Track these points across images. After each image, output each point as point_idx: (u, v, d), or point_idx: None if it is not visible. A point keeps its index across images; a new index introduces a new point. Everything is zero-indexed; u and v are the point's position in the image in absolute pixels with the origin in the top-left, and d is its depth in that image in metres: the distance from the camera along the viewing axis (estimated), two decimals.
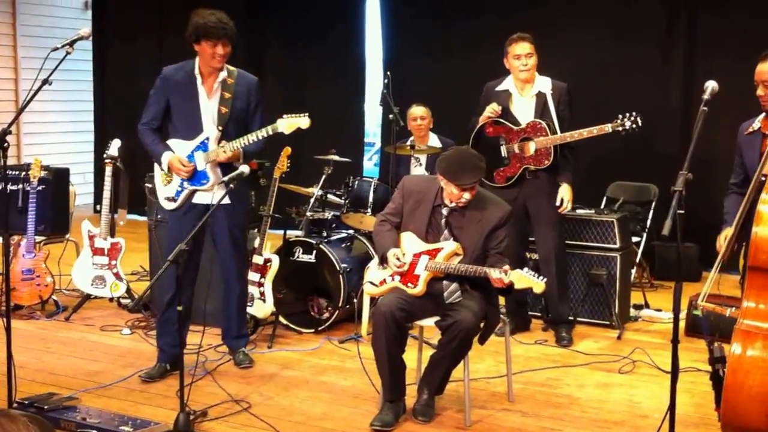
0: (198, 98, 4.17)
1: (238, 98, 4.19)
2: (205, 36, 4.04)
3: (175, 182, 4.23)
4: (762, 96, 3.55)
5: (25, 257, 5.31)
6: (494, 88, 4.96)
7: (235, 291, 4.44)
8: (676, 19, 6.86)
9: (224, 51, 4.08)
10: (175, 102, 4.20)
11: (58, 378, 4.24)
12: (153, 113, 4.25)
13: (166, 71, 4.26)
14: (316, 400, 4.02)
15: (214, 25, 4.01)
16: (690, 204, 6.36)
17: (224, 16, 4.08)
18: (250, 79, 4.28)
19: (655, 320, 5.48)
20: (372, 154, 10.93)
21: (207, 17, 4.04)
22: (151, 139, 4.25)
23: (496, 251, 3.74)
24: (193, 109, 4.17)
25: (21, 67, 9.14)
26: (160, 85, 4.24)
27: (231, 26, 4.08)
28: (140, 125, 4.29)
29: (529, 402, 4.03)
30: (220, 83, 4.17)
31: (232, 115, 4.17)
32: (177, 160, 4.16)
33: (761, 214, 3.13)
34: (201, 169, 4.17)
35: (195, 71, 4.17)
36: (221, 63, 4.12)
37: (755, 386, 3.00)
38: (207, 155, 4.15)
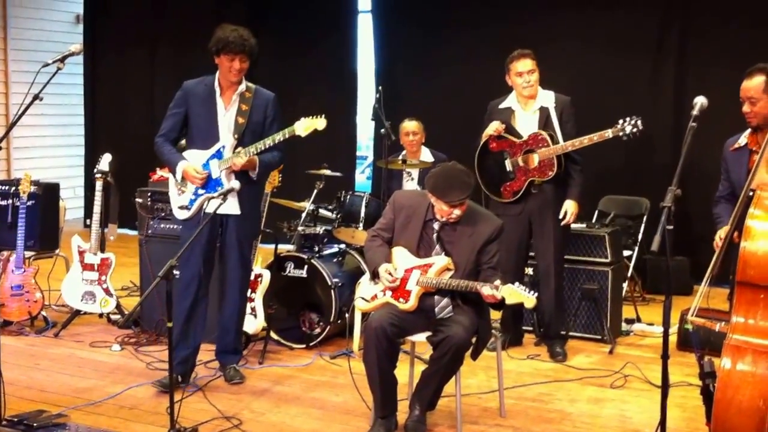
0: (216, 109, 4.27)
1: (255, 111, 4.28)
2: (224, 50, 4.15)
3: (189, 191, 4.29)
4: (747, 113, 3.58)
5: (15, 273, 5.28)
6: (498, 106, 4.98)
7: (234, 306, 4.44)
8: (668, 35, 6.91)
9: (240, 66, 4.18)
10: (194, 113, 4.30)
11: (48, 395, 4.20)
12: (171, 125, 4.34)
13: (187, 84, 4.36)
14: (308, 416, 4.00)
15: (234, 40, 4.11)
16: (681, 218, 6.41)
17: (246, 33, 4.17)
18: (268, 94, 4.38)
19: (646, 334, 5.49)
20: (364, 168, 10.94)
21: (229, 32, 4.15)
22: (167, 150, 4.32)
23: (488, 266, 3.74)
24: (210, 119, 4.26)
25: (11, 80, 9.13)
26: (180, 96, 4.34)
27: (251, 43, 4.18)
28: (157, 137, 4.37)
29: (521, 417, 4.02)
30: (239, 95, 4.27)
31: (248, 126, 4.25)
32: (192, 169, 4.23)
33: (749, 228, 3.14)
34: (216, 177, 4.24)
35: (215, 84, 4.28)
36: (237, 77, 4.22)
37: (745, 401, 3.00)
38: (223, 162, 4.21)
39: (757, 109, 3.55)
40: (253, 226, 4.49)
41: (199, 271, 4.26)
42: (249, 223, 4.38)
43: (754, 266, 3.10)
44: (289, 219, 5.51)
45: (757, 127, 3.62)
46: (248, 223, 4.36)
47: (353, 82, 8.32)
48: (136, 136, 9.04)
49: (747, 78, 3.58)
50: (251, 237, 4.51)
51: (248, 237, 4.43)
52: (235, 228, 4.29)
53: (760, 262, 3.10)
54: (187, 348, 4.29)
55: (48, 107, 7.20)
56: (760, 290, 3.12)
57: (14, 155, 9.21)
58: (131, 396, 4.20)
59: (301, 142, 7.94)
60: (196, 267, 4.24)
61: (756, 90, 3.55)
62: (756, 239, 3.12)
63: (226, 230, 4.30)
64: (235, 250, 4.33)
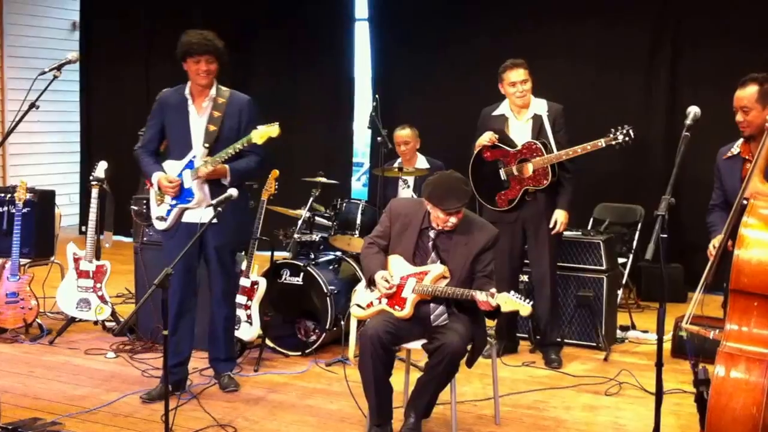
0: (188, 118, 4.23)
1: (228, 117, 4.23)
2: (188, 53, 4.11)
3: (166, 202, 4.27)
4: (740, 122, 3.60)
5: (10, 280, 5.27)
6: (491, 113, 5.00)
7: (220, 314, 4.41)
8: (660, 46, 6.95)
9: (208, 67, 4.12)
10: (169, 123, 4.28)
11: (42, 403, 4.19)
12: (149, 136, 4.34)
13: (162, 94, 4.34)
14: (303, 424, 4.00)
15: (197, 41, 4.08)
16: (675, 225, 6.43)
17: (211, 35, 4.14)
18: (242, 98, 4.31)
19: (641, 341, 5.50)
20: (361, 175, 10.95)
21: (191, 36, 4.12)
22: (145, 161, 4.33)
23: (482, 274, 3.75)
24: (184, 129, 4.23)
25: (7, 88, 9.13)
26: (156, 107, 4.33)
27: (216, 43, 4.13)
28: (137, 148, 4.38)
29: (516, 425, 4.02)
30: (210, 102, 4.22)
31: (221, 133, 4.19)
32: (164, 179, 4.21)
33: (743, 237, 3.16)
34: (187, 187, 4.20)
35: (186, 92, 4.24)
36: (206, 79, 4.16)
37: (738, 408, 3.01)
38: (194, 172, 4.18)
39: (750, 118, 3.57)
40: (234, 235, 4.36)
41: (183, 281, 4.22)
42: (228, 233, 4.26)
43: (747, 274, 3.12)
44: (285, 226, 5.51)
45: (750, 136, 3.63)
46: (226, 232, 4.25)
47: (350, 90, 8.33)
48: (131, 143, 8.92)
49: (740, 87, 3.60)
50: (231, 246, 4.39)
51: (227, 246, 4.31)
52: (214, 236, 4.21)
53: (753, 270, 3.11)
54: (177, 356, 4.25)
55: (44, 114, 7.20)
56: (753, 298, 3.13)
57: (10, 162, 9.20)
58: (126, 404, 4.19)
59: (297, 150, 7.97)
60: (179, 277, 4.16)
61: (749, 99, 3.57)
62: (750, 247, 3.13)
63: (206, 239, 4.23)
64: (214, 259, 4.28)
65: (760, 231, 3.15)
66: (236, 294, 4.66)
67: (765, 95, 3.54)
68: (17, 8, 9.29)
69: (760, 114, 3.53)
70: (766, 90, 3.55)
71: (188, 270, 4.25)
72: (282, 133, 4.23)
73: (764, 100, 3.54)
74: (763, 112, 3.52)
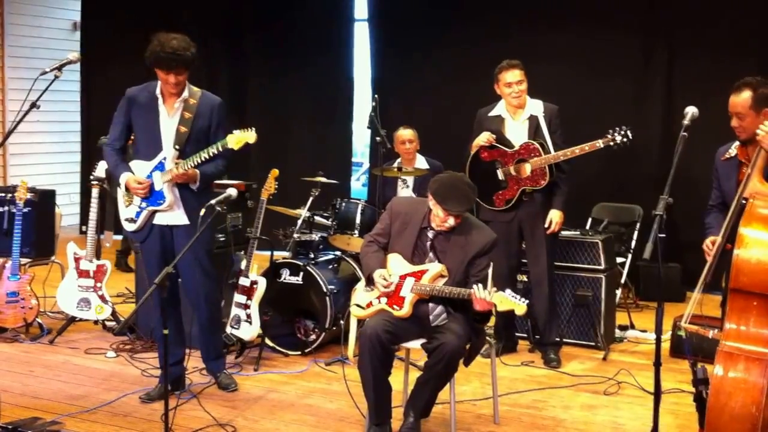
0: (159, 118, 4.16)
1: (199, 118, 4.16)
2: (156, 65, 4.03)
3: (135, 203, 4.22)
4: (736, 127, 3.59)
5: (10, 280, 5.28)
6: (487, 113, 5.00)
7: (203, 315, 4.36)
8: (657, 46, 6.97)
9: (176, 79, 4.05)
10: (137, 122, 4.20)
11: (42, 402, 4.20)
12: (116, 134, 4.25)
13: (130, 92, 4.24)
14: (302, 423, 4.01)
15: (165, 56, 3.95)
16: (673, 225, 6.45)
17: (182, 44, 3.99)
18: (214, 99, 4.25)
19: (640, 341, 5.51)
20: (360, 175, 10.96)
21: (163, 45, 3.96)
22: (113, 160, 4.24)
23: (476, 279, 3.74)
24: (153, 129, 4.15)
25: (8, 88, 9.14)
26: (124, 105, 4.23)
27: (185, 55, 3.99)
28: (105, 146, 4.29)
29: (515, 424, 4.03)
30: (182, 103, 4.16)
31: (191, 135, 4.14)
32: (134, 180, 4.15)
33: (742, 236, 3.16)
34: (158, 189, 4.16)
35: (157, 91, 4.16)
36: (175, 90, 4.10)
37: (737, 407, 3.02)
38: (164, 174, 4.13)
39: (745, 124, 3.55)
40: (207, 235, 4.20)
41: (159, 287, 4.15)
42: (203, 235, 4.03)
43: (746, 273, 3.12)
44: (285, 226, 5.52)
45: (746, 140, 3.63)
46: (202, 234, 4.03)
47: (350, 90, 8.34)
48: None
49: (734, 93, 3.57)
50: (205, 246, 4.26)
51: (202, 246, 4.18)
52: (184, 238, 4.09)
53: (753, 269, 3.11)
54: (170, 357, 4.18)
55: (44, 114, 7.21)
56: (752, 297, 3.14)
57: (10, 162, 9.21)
58: (126, 403, 4.20)
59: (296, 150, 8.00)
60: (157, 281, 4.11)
61: (743, 106, 3.52)
62: (749, 247, 3.14)
63: (174, 241, 4.19)
64: (190, 262, 4.16)
65: (759, 231, 3.16)
66: (216, 293, 4.52)
67: (759, 101, 3.49)
68: (18, 8, 9.29)
69: (754, 120, 3.48)
70: (760, 95, 3.50)
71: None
72: (281, 133, 4.25)
73: (758, 107, 3.49)
74: (757, 118, 3.47)
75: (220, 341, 4.61)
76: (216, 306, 4.53)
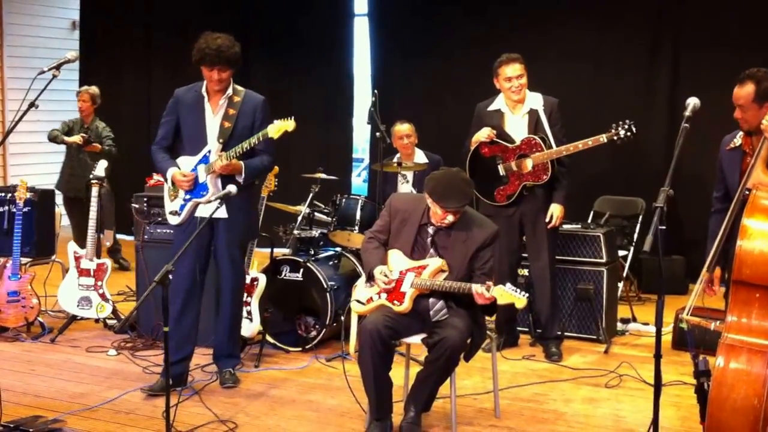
0: (204, 115, 4.30)
1: (242, 115, 4.30)
2: (201, 62, 4.18)
3: (180, 197, 4.33)
4: (739, 118, 3.58)
5: (11, 279, 5.28)
6: (486, 108, 4.98)
7: (230, 309, 4.45)
8: (662, 40, 6.94)
9: (219, 76, 4.20)
10: (184, 120, 4.35)
11: (44, 401, 4.20)
12: (163, 133, 4.41)
13: (178, 92, 4.41)
14: (303, 419, 4.01)
15: (210, 52, 4.12)
16: (676, 217, 6.43)
17: (225, 43, 4.16)
18: (257, 98, 4.39)
19: (642, 334, 5.50)
20: (361, 170, 10.94)
21: (208, 43, 4.14)
22: (160, 157, 4.38)
23: (481, 272, 3.74)
24: (199, 125, 4.30)
25: (7, 87, 9.14)
26: (171, 105, 4.39)
27: (229, 53, 4.16)
28: (152, 146, 4.42)
29: (516, 418, 4.02)
30: (226, 100, 4.29)
31: (235, 130, 4.26)
32: (179, 173, 4.28)
33: (745, 228, 3.14)
34: (202, 181, 4.26)
35: (202, 90, 4.31)
36: (218, 86, 4.25)
37: (739, 400, 3.01)
38: (208, 166, 4.24)
39: (748, 116, 3.54)
40: (244, 231, 4.43)
41: (189, 277, 4.25)
42: (238, 228, 4.34)
43: (750, 265, 3.10)
44: (285, 222, 5.52)
45: (750, 131, 3.61)
46: (237, 227, 4.33)
47: (349, 86, 8.33)
48: (131, 142, 9.03)
49: (738, 84, 3.56)
50: (241, 241, 4.45)
51: (237, 241, 4.38)
52: (223, 232, 4.30)
53: (756, 261, 3.09)
54: (179, 353, 4.27)
55: (43, 113, 7.18)
56: (755, 289, 3.12)
57: (10, 162, 9.21)
58: (127, 401, 4.20)
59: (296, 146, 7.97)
60: (185, 273, 4.21)
61: (746, 99, 3.51)
62: (752, 238, 3.11)
63: (216, 234, 4.33)
64: (225, 255, 4.34)
65: (762, 222, 3.14)
66: (243, 290, 4.65)
67: (762, 95, 3.47)
68: (17, 8, 9.29)
69: (757, 113, 3.47)
70: (764, 89, 3.48)
71: (193, 267, 4.26)
72: None
73: (761, 100, 3.48)
74: (760, 111, 3.46)
75: (238, 340, 4.62)
76: (241, 302, 4.60)
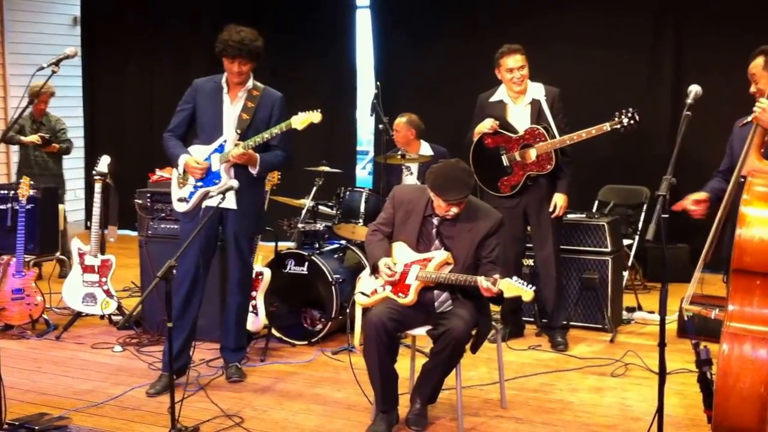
0: (222, 105, 4.31)
1: (260, 109, 4.30)
2: (223, 53, 4.19)
3: (190, 184, 4.33)
4: (754, 93, 3.58)
5: (15, 277, 5.29)
6: (488, 99, 4.96)
7: (234, 303, 4.45)
8: (665, 26, 6.91)
9: (240, 68, 4.20)
10: (201, 109, 4.35)
11: (49, 398, 4.21)
12: (178, 121, 4.40)
13: (197, 82, 4.42)
14: (310, 412, 4.01)
15: (232, 44, 4.13)
16: None
17: (249, 37, 4.16)
18: (275, 94, 4.40)
19: (647, 322, 5.48)
20: (366, 163, 10.93)
21: (231, 35, 4.15)
22: (172, 144, 4.37)
23: (488, 260, 3.74)
24: (216, 115, 4.31)
25: (9, 84, 9.13)
26: (189, 93, 4.40)
27: (251, 47, 4.16)
28: (165, 133, 4.41)
29: (522, 408, 4.02)
30: (245, 92, 4.30)
31: (252, 122, 4.27)
32: (192, 160, 4.28)
33: (744, 215, 3.11)
34: (215, 170, 4.26)
35: (222, 81, 4.32)
36: (238, 78, 4.25)
37: (746, 388, 2.98)
38: (223, 156, 4.24)
39: (761, 86, 3.55)
40: (252, 223, 4.44)
41: (193, 268, 4.24)
42: (247, 220, 4.35)
43: (750, 253, 3.07)
44: (289, 216, 5.51)
45: None
46: (246, 219, 4.34)
47: (352, 78, 8.30)
48: (134, 137, 9.06)
49: (751, 59, 3.61)
50: (249, 233, 4.45)
51: (245, 233, 4.39)
52: (233, 223, 4.30)
53: (756, 248, 3.07)
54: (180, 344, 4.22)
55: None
56: (756, 277, 3.10)
57: (13, 158, 9.21)
58: (133, 397, 4.20)
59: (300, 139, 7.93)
60: (190, 264, 4.21)
61: (756, 68, 3.56)
62: (751, 226, 3.09)
63: (225, 225, 4.34)
64: (232, 247, 4.35)
65: (759, 209, 3.12)
66: (250, 282, 4.64)
67: None
68: (18, 4, 9.27)
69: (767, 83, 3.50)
70: None
71: (198, 259, 4.24)
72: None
73: None
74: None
75: (244, 333, 4.61)
76: (248, 295, 4.59)
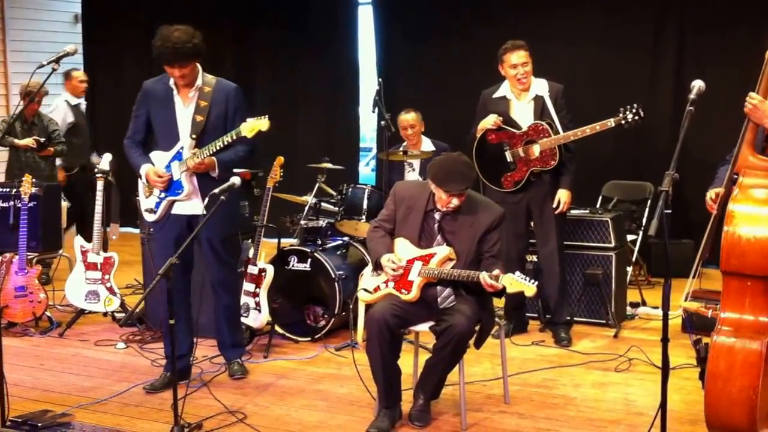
0: (174, 108, 4.17)
1: (214, 106, 4.15)
2: (159, 60, 4.04)
3: (155, 194, 4.24)
4: None
5: (18, 274, 5.29)
6: (491, 95, 4.95)
7: (221, 302, 4.39)
8: (667, 22, 6.88)
9: (181, 72, 4.04)
10: (155, 114, 4.22)
11: (52, 395, 4.21)
12: (135, 127, 4.28)
13: (146, 84, 4.28)
14: (312, 408, 4.01)
15: (165, 50, 3.95)
16: (684, 201, 6.38)
17: (182, 37, 3.95)
18: (228, 86, 4.23)
19: (651, 318, 5.47)
20: (369, 160, 10.92)
21: (164, 39, 3.96)
22: (133, 153, 4.26)
23: (489, 254, 3.74)
24: (170, 119, 4.17)
25: (11, 82, 9.11)
26: (141, 98, 4.27)
27: (186, 48, 3.95)
28: (125, 140, 4.32)
29: (526, 403, 4.01)
30: (196, 92, 4.16)
31: (208, 123, 4.14)
32: (153, 172, 4.17)
33: (731, 213, 3.03)
34: (176, 179, 4.17)
35: (171, 82, 4.16)
36: (183, 82, 4.10)
37: (735, 392, 2.94)
38: (182, 164, 4.14)
39: None
40: (225, 226, 4.24)
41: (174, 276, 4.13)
42: (218, 223, 4.08)
43: (737, 255, 2.99)
44: (292, 213, 5.51)
45: None
46: (217, 222, 4.03)
47: (355, 74, 8.28)
48: None
49: None
50: (222, 236, 4.27)
51: (217, 235, 4.22)
52: (203, 228, 3.98)
53: (744, 250, 2.98)
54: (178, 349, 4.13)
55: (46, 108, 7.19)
56: (746, 279, 3.02)
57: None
58: (136, 393, 4.20)
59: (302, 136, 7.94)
60: None
61: None
62: (738, 225, 3.00)
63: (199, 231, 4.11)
64: (207, 250, 4.23)
65: (747, 205, 3.03)
66: (234, 282, 4.54)
67: None
68: (19, 2, 9.26)
69: None
70: None
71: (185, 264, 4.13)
72: (287, 120, 4.21)
73: None
74: None
75: (239, 330, 4.59)
76: (234, 294, 4.53)
